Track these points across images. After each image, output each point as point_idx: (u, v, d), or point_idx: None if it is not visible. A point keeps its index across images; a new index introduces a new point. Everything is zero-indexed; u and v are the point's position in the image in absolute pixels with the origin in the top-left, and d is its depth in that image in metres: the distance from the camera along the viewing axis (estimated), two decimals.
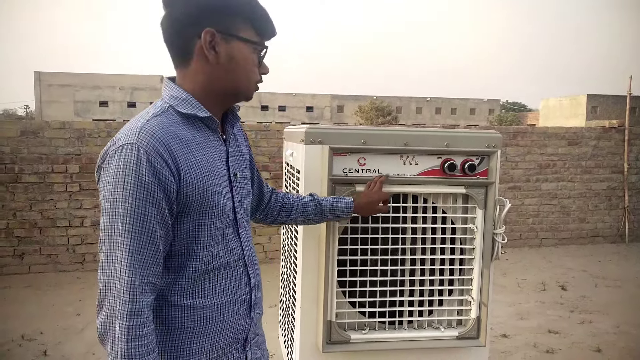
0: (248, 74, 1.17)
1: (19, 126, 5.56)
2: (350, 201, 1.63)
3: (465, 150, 1.81)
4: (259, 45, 1.17)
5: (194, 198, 1.08)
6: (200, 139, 1.13)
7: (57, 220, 5.58)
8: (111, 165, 1.02)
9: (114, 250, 1.00)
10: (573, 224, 7.14)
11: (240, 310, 1.21)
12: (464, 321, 1.90)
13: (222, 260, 1.17)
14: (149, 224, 1.01)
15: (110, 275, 1.01)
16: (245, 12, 1.13)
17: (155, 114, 1.09)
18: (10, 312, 4.39)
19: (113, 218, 1.00)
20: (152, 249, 1.03)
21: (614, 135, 7.20)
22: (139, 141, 1.01)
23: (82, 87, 44.33)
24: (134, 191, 0.99)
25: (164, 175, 1.02)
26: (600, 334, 3.93)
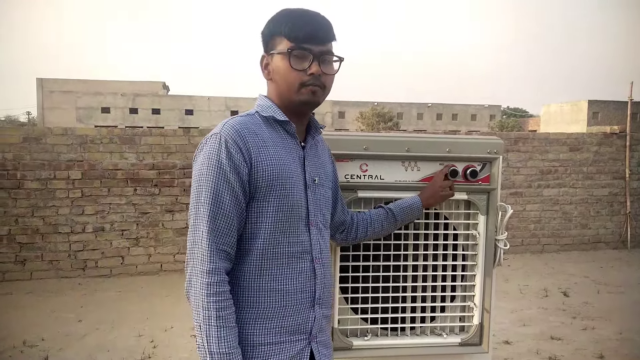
0: (286, 78, 1.29)
1: (21, 132, 5.58)
2: (416, 197, 1.70)
3: (467, 156, 1.81)
4: (290, 50, 1.27)
5: (262, 184, 1.24)
6: (277, 139, 1.30)
7: (59, 227, 5.59)
8: (202, 151, 1.25)
9: (197, 219, 1.21)
10: (575, 230, 7.13)
11: (303, 300, 1.30)
12: (467, 327, 1.89)
13: (290, 250, 1.28)
14: (223, 199, 1.20)
15: (194, 240, 1.21)
16: (278, 29, 1.29)
17: (241, 115, 1.32)
18: (11, 318, 4.39)
19: (198, 193, 1.22)
20: (226, 221, 1.21)
21: (616, 141, 7.20)
22: (221, 132, 1.24)
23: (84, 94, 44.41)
24: (213, 171, 1.21)
25: (237, 159, 1.22)
26: (602, 340, 3.92)
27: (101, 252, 5.73)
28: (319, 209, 1.36)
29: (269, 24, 1.33)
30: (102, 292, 5.19)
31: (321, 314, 1.35)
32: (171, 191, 5.86)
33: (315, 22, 1.30)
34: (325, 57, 1.31)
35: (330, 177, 1.47)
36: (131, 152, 5.75)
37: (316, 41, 1.28)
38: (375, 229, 1.64)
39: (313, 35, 1.28)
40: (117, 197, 5.73)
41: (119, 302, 4.86)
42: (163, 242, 5.88)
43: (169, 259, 5.90)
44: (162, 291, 5.17)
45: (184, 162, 5.87)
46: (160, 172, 5.83)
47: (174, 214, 5.88)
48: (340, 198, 1.58)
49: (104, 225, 5.71)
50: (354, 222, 1.62)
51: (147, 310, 4.61)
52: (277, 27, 1.30)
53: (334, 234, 1.60)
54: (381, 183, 1.78)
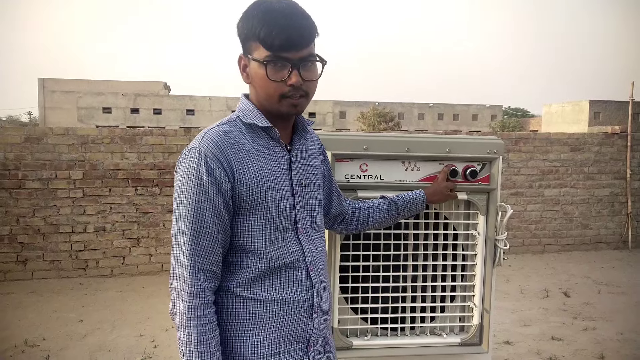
0: (265, 90, 1.22)
1: (22, 132, 5.59)
2: (421, 192, 1.69)
3: (466, 156, 1.81)
4: (270, 59, 1.18)
5: (247, 198, 1.19)
6: (260, 147, 1.24)
7: (60, 227, 5.60)
8: (181, 166, 1.20)
9: (178, 240, 1.17)
10: (576, 230, 7.13)
11: (300, 310, 1.26)
12: (467, 328, 1.90)
13: (283, 261, 1.24)
14: (205, 217, 1.15)
15: (177, 261, 1.18)
16: (253, 34, 1.19)
17: (221, 123, 1.25)
18: (13, 318, 4.40)
19: (179, 211, 1.17)
20: (209, 240, 1.16)
21: (617, 141, 7.19)
22: (200, 145, 1.17)
23: (86, 94, 44.45)
24: (193, 188, 1.15)
25: (218, 175, 1.15)
26: (603, 341, 3.91)
27: (102, 252, 5.74)
28: (307, 213, 1.31)
29: (243, 23, 1.21)
30: (103, 292, 5.20)
31: (319, 321, 1.32)
32: (172, 191, 5.82)
33: (292, 26, 1.16)
34: (306, 63, 1.20)
35: (319, 175, 1.41)
36: (132, 152, 5.76)
37: (294, 48, 1.17)
38: (377, 220, 1.61)
39: (290, 43, 1.16)
40: (118, 197, 5.74)
41: (120, 302, 4.87)
42: (164, 242, 5.88)
43: (169, 259, 5.89)
44: (162, 291, 5.18)
45: None
46: (162, 172, 5.83)
47: None
48: (336, 190, 1.54)
49: (105, 225, 5.72)
50: (355, 212, 1.59)
51: (148, 310, 4.61)
52: (251, 29, 1.19)
53: (332, 224, 1.58)
54: (381, 183, 1.79)
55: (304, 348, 1.28)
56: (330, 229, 1.59)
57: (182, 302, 1.14)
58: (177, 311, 1.16)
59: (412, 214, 1.70)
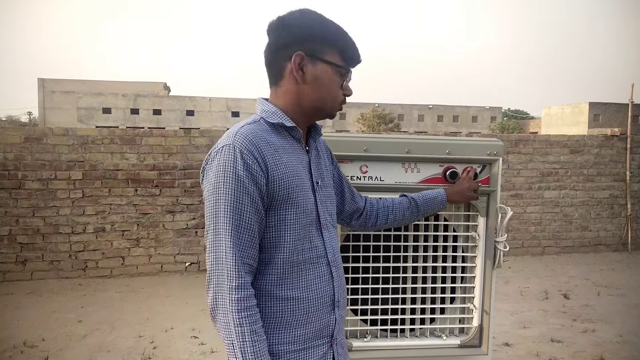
0: (332, 93, 1.31)
1: (22, 133, 5.59)
2: (441, 192, 1.71)
3: (466, 158, 1.82)
4: (343, 69, 1.30)
5: (279, 193, 1.22)
6: (286, 145, 1.28)
7: (59, 227, 5.60)
8: (214, 163, 1.20)
9: (218, 235, 1.17)
10: (575, 232, 7.13)
11: (324, 305, 1.30)
12: (466, 329, 1.90)
13: (307, 256, 1.28)
14: (245, 211, 1.17)
15: (217, 257, 1.17)
16: (332, 40, 1.28)
17: (248, 123, 1.28)
18: (12, 318, 4.40)
19: (216, 208, 1.18)
20: (249, 234, 1.18)
21: (616, 143, 7.20)
22: (235, 142, 1.19)
23: (86, 94, 44.44)
24: (231, 184, 1.17)
25: (255, 170, 1.18)
26: (603, 343, 3.91)
27: (102, 252, 5.73)
28: (326, 210, 1.37)
29: (316, 27, 1.27)
30: (103, 292, 5.19)
31: (340, 316, 1.35)
32: (172, 192, 5.86)
33: (356, 45, 1.33)
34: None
35: (330, 175, 1.47)
36: (132, 152, 5.76)
37: (356, 64, 1.35)
38: (397, 217, 1.64)
39: (357, 59, 1.33)
40: (118, 198, 5.73)
41: (119, 302, 4.86)
42: (163, 243, 5.88)
43: (169, 259, 5.91)
44: (162, 292, 5.18)
45: (184, 163, 5.87)
46: (161, 172, 5.83)
47: (175, 215, 5.88)
48: (348, 187, 1.58)
49: (104, 226, 5.72)
50: (373, 209, 1.62)
51: (148, 311, 4.61)
52: (330, 36, 1.28)
53: (349, 221, 1.62)
54: (381, 184, 1.79)
55: (328, 342, 1.32)
56: (349, 225, 1.63)
57: (228, 296, 1.14)
58: (221, 307, 1.15)
59: (432, 212, 1.73)
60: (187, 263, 5.94)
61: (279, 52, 1.28)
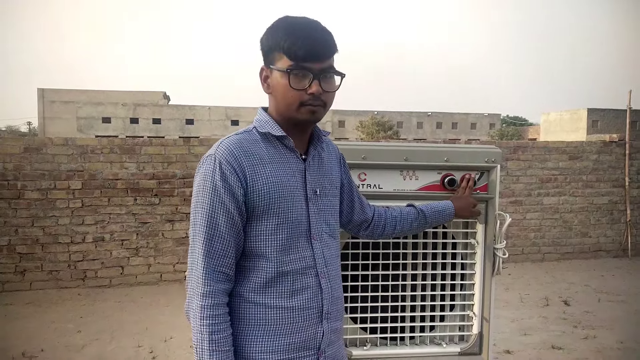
0: (285, 99, 1.27)
1: (22, 142, 5.60)
2: (450, 204, 1.70)
3: (464, 165, 1.82)
4: (293, 68, 1.23)
5: (259, 204, 1.24)
6: (275, 155, 1.29)
7: (58, 237, 5.59)
8: (199, 172, 1.26)
9: (194, 241, 1.23)
10: (575, 238, 7.12)
11: (310, 316, 1.28)
12: (466, 337, 1.89)
13: (294, 266, 1.27)
14: (218, 221, 1.21)
15: (192, 262, 1.23)
16: (278, 45, 1.25)
17: (237, 133, 1.31)
18: (11, 329, 4.38)
19: (195, 215, 1.23)
20: (222, 243, 1.21)
21: (615, 149, 7.22)
22: (216, 153, 1.24)
23: (85, 104, 44.57)
24: (208, 194, 1.22)
25: (232, 180, 1.21)
26: (604, 349, 3.90)
27: (101, 262, 5.72)
28: (323, 220, 1.34)
29: (267, 36, 1.28)
30: (102, 302, 5.18)
31: (329, 328, 1.33)
32: (171, 201, 5.86)
33: (316, 39, 1.24)
34: (326, 75, 1.26)
35: (336, 184, 1.44)
36: (131, 161, 5.76)
37: (316, 59, 1.23)
38: (404, 227, 1.63)
39: (313, 53, 1.23)
40: (117, 207, 5.73)
41: (118, 312, 4.85)
42: (163, 252, 5.87)
43: (168, 268, 5.89)
44: (161, 301, 5.16)
45: (184, 172, 5.88)
46: (161, 181, 5.83)
47: (174, 224, 5.88)
48: (358, 197, 1.56)
49: (103, 235, 5.71)
50: (381, 219, 1.61)
51: (147, 320, 4.59)
52: (276, 41, 1.25)
53: (357, 231, 1.61)
54: (380, 192, 1.79)
55: (314, 355, 1.30)
56: (357, 234, 1.63)
57: (195, 302, 1.19)
58: (191, 311, 1.20)
59: (439, 224, 1.72)
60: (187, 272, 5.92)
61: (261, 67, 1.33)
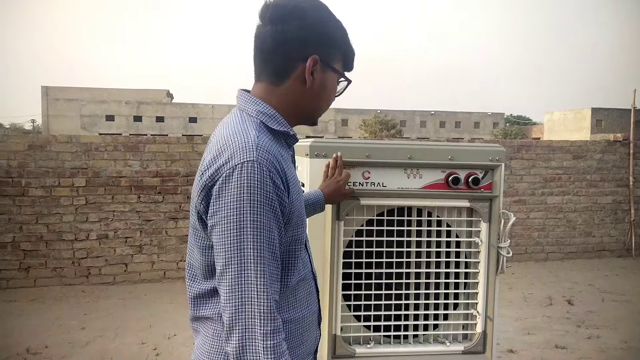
0: (322, 101, 1.19)
1: (26, 140, 5.62)
2: (320, 195, 1.61)
3: (469, 163, 1.82)
4: (346, 79, 1.21)
5: (296, 212, 1.07)
6: (284, 154, 1.13)
7: (63, 234, 5.61)
8: (231, 183, 0.98)
9: (245, 270, 0.97)
10: (579, 237, 7.11)
11: (313, 322, 1.24)
12: (470, 335, 1.89)
13: (302, 274, 1.17)
14: (274, 241, 1.00)
15: (243, 296, 0.97)
16: (341, 46, 1.18)
17: (257, 129, 1.07)
18: (15, 325, 4.40)
19: (241, 237, 0.97)
20: (276, 266, 1.01)
21: (619, 148, 7.19)
22: (259, 158, 0.99)
23: (89, 102, 44.71)
24: (261, 208, 0.97)
25: (281, 191, 1.01)
26: (607, 349, 3.89)
27: (105, 259, 5.74)
28: None
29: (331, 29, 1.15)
30: (106, 299, 5.19)
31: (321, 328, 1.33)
32: (174, 198, 5.87)
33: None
34: None
35: None
36: (135, 159, 5.78)
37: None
38: None
39: (353, 67, 1.23)
40: (121, 205, 5.74)
41: (122, 309, 4.86)
42: (166, 250, 5.88)
43: (172, 266, 5.91)
44: (165, 299, 5.17)
45: (187, 170, 5.89)
46: (164, 179, 5.84)
47: (178, 222, 5.89)
48: None
49: (107, 233, 5.72)
50: None
51: (150, 317, 4.61)
52: (340, 41, 1.18)
53: None
54: (384, 190, 1.79)
55: (312, 358, 1.28)
56: None
57: (261, 344, 0.96)
58: (250, 355, 0.96)
59: (312, 214, 1.61)
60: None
61: (291, 47, 1.10)
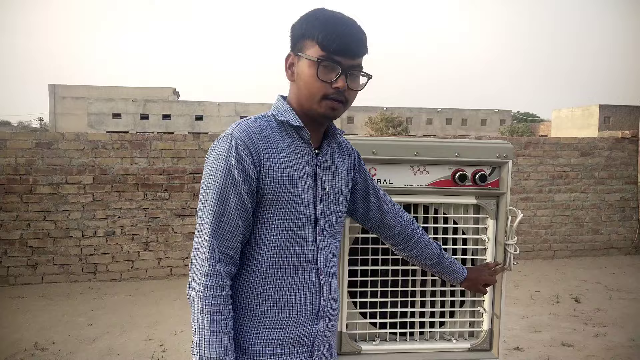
0: (309, 88, 1.24)
1: (33, 138, 5.65)
2: (465, 270, 1.67)
3: (476, 160, 1.81)
4: (322, 60, 1.21)
5: (270, 190, 1.21)
6: (289, 145, 1.26)
7: (70, 231, 5.64)
8: (213, 152, 1.24)
9: (202, 220, 1.20)
10: (586, 235, 7.06)
11: (307, 312, 1.28)
12: (476, 333, 1.88)
13: (296, 259, 1.26)
14: (229, 201, 1.19)
15: (198, 241, 1.20)
16: (312, 32, 1.23)
17: (255, 117, 1.28)
18: (23, 321, 4.43)
19: (205, 194, 1.21)
20: (230, 224, 1.19)
21: (627, 145, 7.14)
22: (232, 133, 1.22)
23: (96, 100, 44.87)
24: (221, 173, 1.19)
25: (247, 162, 1.19)
26: (615, 347, 3.87)
27: (112, 256, 5.77)
28: (327, 218, 1.32)
29: (302, 23, 1.26)
30: (113, 296, 5.22)
31: (324, 326, 1.32)
32: (181, 196, 5.89)
33: (350, 34, 1.23)
34: (354, 72, 1.25)
35: (345, 183, 1.41)
36: (142, 157, 5.80)
37: (348, 54, 1.22)
38: (421, 256, 1.58)
39: (345, 49, 1.22)
40: (128, 202, 5.77)
41: (129, 306, 4.89)
42: (173, 247, 5.90)
43: (178, 263, 5.93)
44: (171, 295, 5.19)
45: (193, 167, 5.90)
46: (171, 176, 5.86)
47: (184, 219, 5.91)
48: (375, 197, 1.51)
49: (114, 230, 5.75)
50: (408, 237, 1.56)
51: (157, 314, 4.63)
52: (310, 30, 1.23)
53: (377, 233, 1.58)
54: (390, 187, 1.78)
55: (307, 352, 1.28)
56: (375, 233, 1.60)
57: (198, 281, 1.17)
58: (193, 290, 1.18)
59: (444, 278, 1.69)
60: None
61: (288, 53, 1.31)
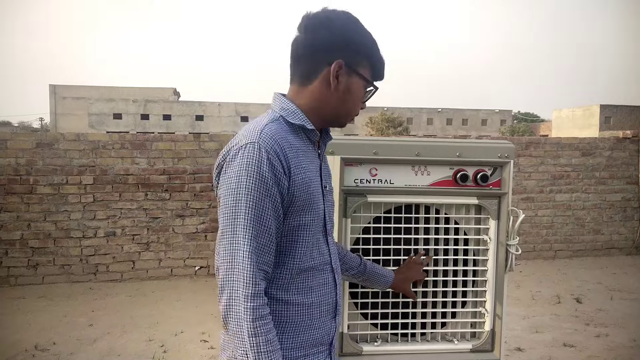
0: (355, 107, 1.30)
1: (34, 138, 5.65)
2: (390, 273, 1.67)
3: (477, 160, 1.80)
4: (372, 85, 1.29)
5: (299, 198, 1.18)
6: (303, 147, 1.24)
7: (70, 231, 5.64)
8: (235, 161, 1.13)
9: (236, 238, 1.11)
10: (588, 235, 7.05)
11: (326, 312, 1.29)
12: (478, 334, 1.88)
13: (315, 262, 1.26)
14: (266, 215, 1.12)
15: (233, 261, 1.11)
16: (368, 53, 1.26)
17: (270, 121, 1.21)
18: (23, 322, 4.43)
19: (236, 209, 1.11)
20: (267, 239, 1.13)
21: (628, 145, 7.12)
22: (260, 140, 1.13)
23: (97, 100, 44.90)
24: (255, 184, 1.11)
25: (279, 172, 1.13)
26: (616, 347, 3.86)
27: (112, 256, 5.76)
28: (330, 217, 1.34)
29: (357, 36, 1.25)
30: (113, 296, 5.22)
31: (339, 323, 1.36)
32: (182, 196, 5.89)
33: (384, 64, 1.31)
34: None
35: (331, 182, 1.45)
36: (142, 157, 5.79)
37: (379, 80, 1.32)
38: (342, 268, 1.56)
39: (383, 77, 1.31)
40: (128, 202, 5.77)
41: (129, 306, 4.88)
42: (173, 247, 5.90)
43: (179, 263, 5.92)
44: (172, 296, 5.19)
45: (194, 167, 5.89)
46: (171, 177, 5.86)
47: (185, 219, 5.90)
48: None
49: (115, 230, 5.75)
50: None
51: (158, 314, 4.62)
52: (367, 49, 1.26)
53: None
54: (391, 187, 1.78)
55: (327, 350, 1.31)
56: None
57: (244, 304, 1.08)
58: (234, 315, 1.10)
59: (371, 286, 1.68)
60: (197, 267, 5.95)
61: (318, 52, 1.23)
